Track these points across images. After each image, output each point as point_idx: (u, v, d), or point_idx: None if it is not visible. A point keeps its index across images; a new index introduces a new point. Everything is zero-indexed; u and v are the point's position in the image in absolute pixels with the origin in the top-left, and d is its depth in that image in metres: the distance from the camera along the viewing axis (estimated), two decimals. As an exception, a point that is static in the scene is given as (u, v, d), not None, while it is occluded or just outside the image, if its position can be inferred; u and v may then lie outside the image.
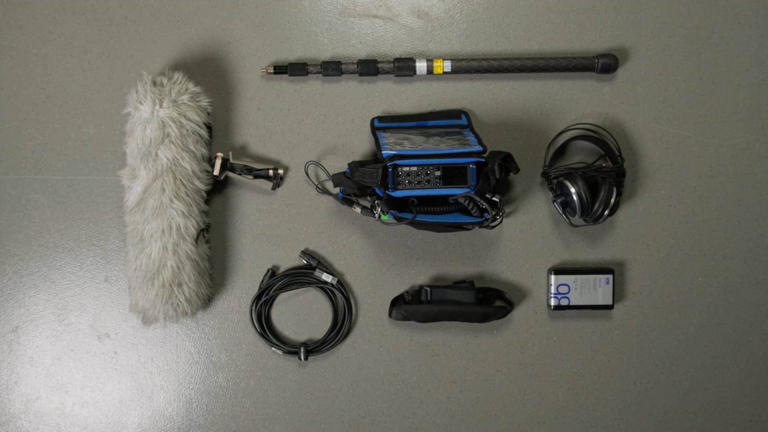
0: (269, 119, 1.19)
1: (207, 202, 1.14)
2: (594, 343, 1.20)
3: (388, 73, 1.17)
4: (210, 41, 1.18)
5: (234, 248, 1.19)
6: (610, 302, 1.17)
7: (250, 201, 1.19)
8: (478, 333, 1.19)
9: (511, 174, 1.10)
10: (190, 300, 1.10)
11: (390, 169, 1.07)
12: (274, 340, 1.18)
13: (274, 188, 1.17)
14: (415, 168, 1.07)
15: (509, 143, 1.20)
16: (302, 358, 1.16)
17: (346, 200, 1.16)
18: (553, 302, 1.17)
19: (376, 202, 1.10)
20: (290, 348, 1.18)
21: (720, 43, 1.19)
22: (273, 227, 1.19)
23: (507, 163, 1.08)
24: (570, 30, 1.19)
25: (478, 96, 1.20)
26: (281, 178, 1.18)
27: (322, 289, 1.19)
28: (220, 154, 1.13)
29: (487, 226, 1.09)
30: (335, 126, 1.19)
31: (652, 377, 1.20)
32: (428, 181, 1.08)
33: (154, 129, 1.05)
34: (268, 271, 1.19)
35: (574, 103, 1.19)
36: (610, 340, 1.20)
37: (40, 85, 1.17)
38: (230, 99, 1.19)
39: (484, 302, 1.18)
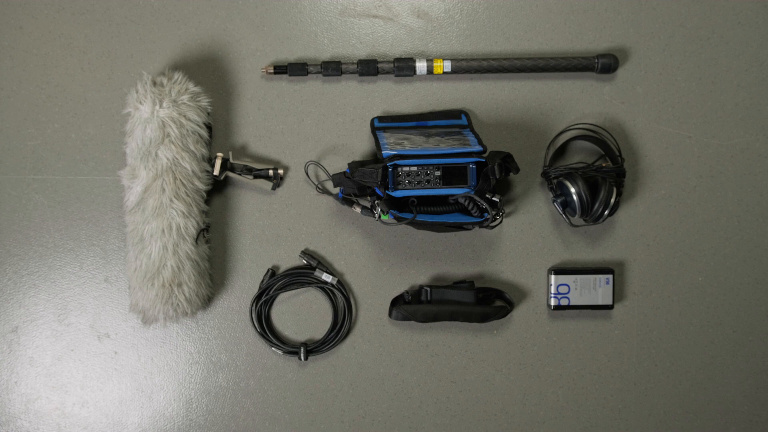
0: (269, 119, 1.19)
1: (207, 202, 1.14)
2: (594, 343, 1.20)
3: (388, 73, 1.17)
4: (210, 41, 1.18)
5: (234, 248, 1.19)
6: (610, 302, 1.17)
7: (250, 201, 1.19)
8: (478, 333, 1.19)
9: (511, 174, 1.10)
10: (190, 300, 1.10)
11: (390, 169, 1.07)
12: (274, 341, 1.18)
13: (274, 188, 1.17)
14: (415, 168, 1.07)
15: (509, 143, 1.20)
16: (302, 358, 1.16)
17: (346, 200, 1.16)
18: (553, 302, 1.17)
19: (376, 202, 1.10)
20: (290, 348, 1.17)
21: (720, 43, 1.19)
22: (273, 227, 1.19)
23: (507, 163, 1.08)
24: (570, 30, 1.19)
25: (478, 96, 1.20)
26: (281, 178, 1.18)
27: (322, 289, 1.19)
28: (220, 154, 1.13)
29: (487, 226, 1.09)
30: (335, 126, 1.19)
31: (652, 377, 1.20)
32: (428, 181, 1.08)
33: (154, 129, 1.05)
34: (268, 271, 1.19)
35: (574, 103, 1.19)
36: (610, 340, 1.20)
37: (40, 85, 1.17)
38: (230, 99, 1.19)
39: (484, 302, 1.18)
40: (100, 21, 1.18)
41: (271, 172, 1.16)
